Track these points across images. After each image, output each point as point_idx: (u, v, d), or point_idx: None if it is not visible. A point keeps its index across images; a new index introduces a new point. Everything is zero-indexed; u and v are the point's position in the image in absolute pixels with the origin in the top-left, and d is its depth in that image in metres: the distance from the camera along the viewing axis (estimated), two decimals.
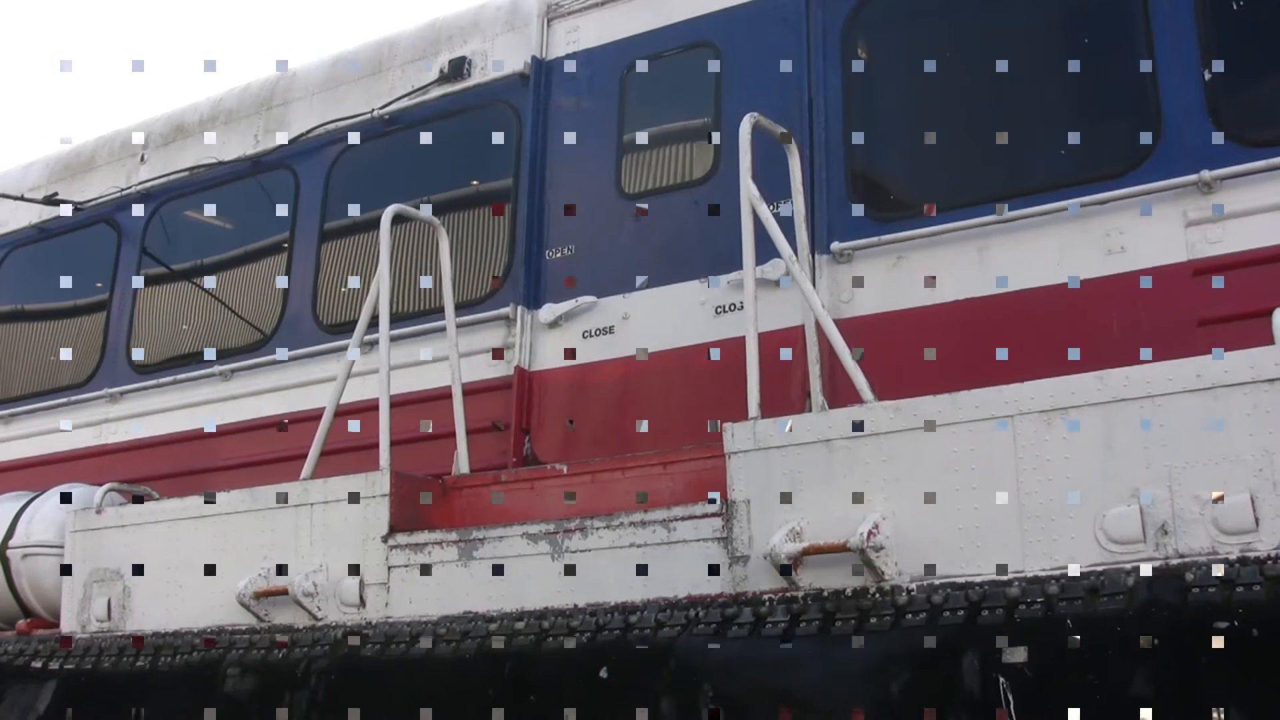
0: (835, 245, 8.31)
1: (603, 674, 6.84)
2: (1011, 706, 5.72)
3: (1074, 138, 7.87)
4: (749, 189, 7.35)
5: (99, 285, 12.19)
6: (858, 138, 8.48)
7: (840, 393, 7.39)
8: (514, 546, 7.51)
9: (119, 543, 9.26)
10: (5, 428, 12.49)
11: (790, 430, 6.75)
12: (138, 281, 11.75)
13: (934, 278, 8.01)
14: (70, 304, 12.67)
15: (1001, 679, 5.78)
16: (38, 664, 9.37)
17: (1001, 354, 7.43)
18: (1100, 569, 5.93)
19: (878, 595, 6.29)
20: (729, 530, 6.81)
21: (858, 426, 6.60)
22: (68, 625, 9.44)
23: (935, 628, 6.08)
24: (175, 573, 8.91)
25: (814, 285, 7.80)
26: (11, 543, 9.98)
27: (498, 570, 7.53)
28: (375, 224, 8.78)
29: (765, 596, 6.57)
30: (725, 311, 8.63)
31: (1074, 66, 7.95)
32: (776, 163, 7.93)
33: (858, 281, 8.26)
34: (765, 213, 7.32)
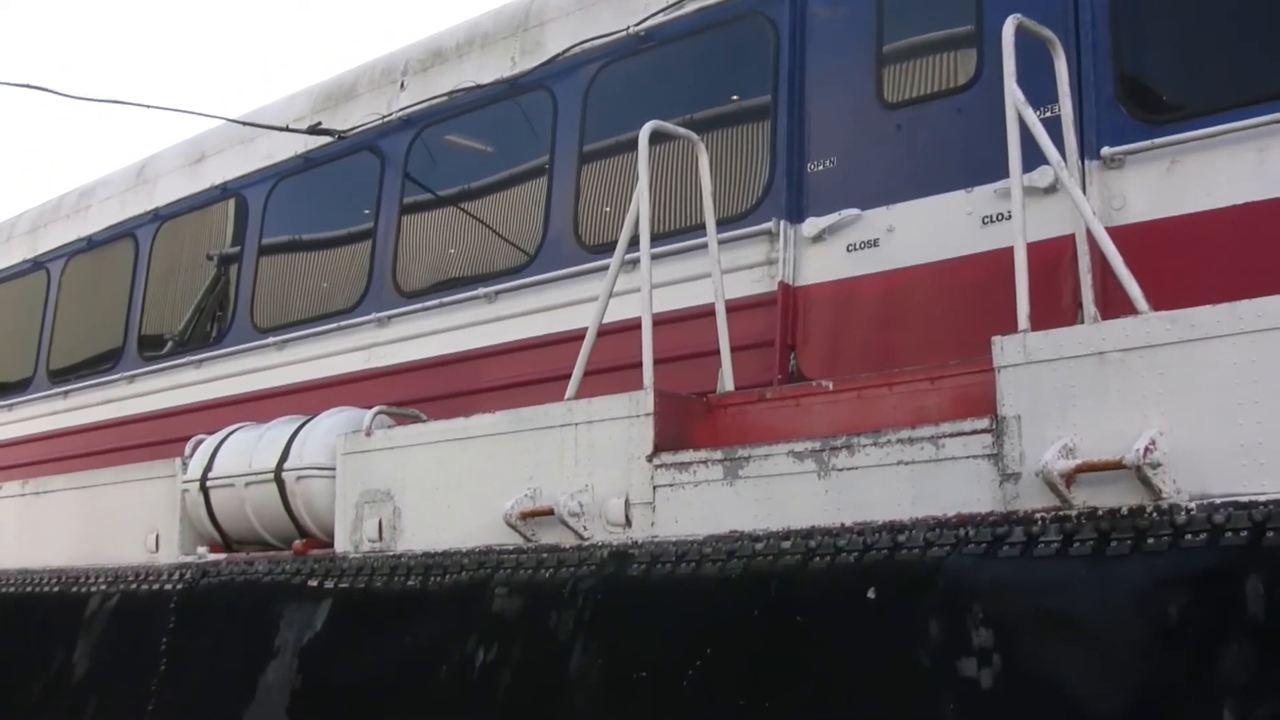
0: (1105, 150, 8.00)
1: (870, 594, 6.74)
2: None
3: None
4: (1014, 94, 7.12)
5: (365, 211, 12.36)
6: (1126, 37, 8.17)
7: (1112, 303, 7.14)
8: (780, 465, 7.42)
9: (388, 464, 9.42)
10: (279, 353, 12.76)
11: None
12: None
13: None
14: (337, 231, 12.88)
15: None
16: (314, 582, 9.58)
17: None
18: None
19: (1155, 514, 6.05)
20: (999, 447, 6.63)
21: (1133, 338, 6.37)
22: (341, 545, 9.64)
23: (1216, 549, 5.84)
24: (442, 493, 9.04)
25: (1084, 192, 7.54)
26: (286, 465, 10.21)
27: (763, 489, 7.46)
28: (634, 142, 8.71)
29: (1037, 515, 6.39)
30: (992, 221, 8.40)
31: None
32: (1041, 66, 7.66)
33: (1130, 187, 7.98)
34: (1032, 118, 7.09)
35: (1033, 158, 7.32)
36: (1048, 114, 7.64)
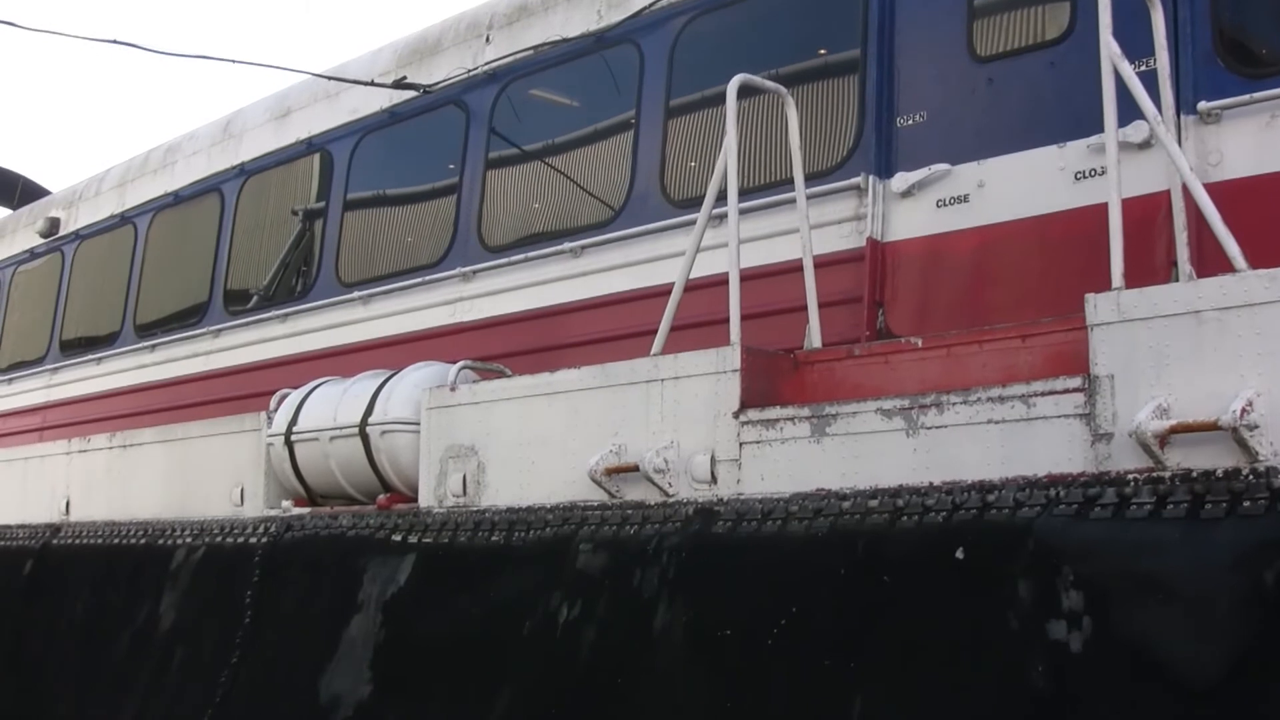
0: (1202, 105, 7.85)
1: (959, 554, 6.66)
2: None
3: None
4: (1109, 47, 6.97)
5: (450, 166, 12.33)
6: None
7: (1208, 261, 7.01)
8: (868, 422, 7.34)
9: (472, 419, 9.42)
10: (364, 308, 12.77)
11: None
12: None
13: None
14: (422, 185, 12.86)
15: None
16: (397, 537, 9.60)
17: None
18: None
19: (1251, 477, 5.92)
20: (1091, 406, 6.52)
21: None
22: (425, 500, 9.65)
23: None
24: (527, 449, 9.03)
25: (1179, 147, 7.39)
26: (371, 420, 10.22)
27: (851, 447, 7.39)
28: (721, 96, 8.61)
29: (1130, 476, 6.27)
30: (1085, 177, 8.27)
31: None
32: (1136, 19, 7.51)
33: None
34: (1128, 71, 6.94)
35: (1127, 112, 7.18)
36: (1143, 68, 7.49)
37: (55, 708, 12.50)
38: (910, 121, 9.19)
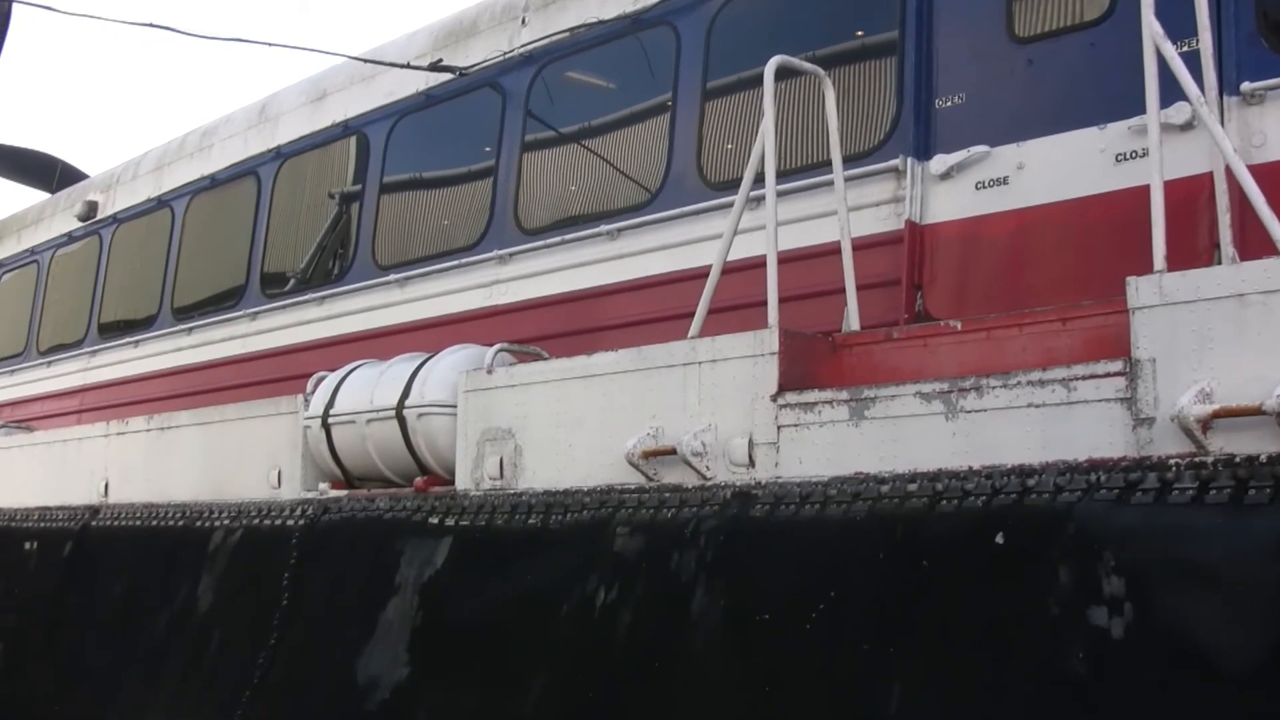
0: (1245, 86, 7.77)
1: (998, 539, 6.62)
2: None
3: None
4: (1152, 26, 6.91)
5: (486, 149, 12.31)
6: None
7: (1250, 244, 6.93)
8: (906, 406, 7.30)
9: (509, 402, 9.40)
10: (401, 290, 12.77)
11: None
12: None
13: None
14: (458, 168, 12.84)
15: None
16: (434, 520, 9.60)
17: None
18: None
19: None
20: (1133, 390, 6.46)
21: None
22: (462, 483, 9.64)
23: None
24: (564, 432, 9.01)
25: (1223, 128, 7.31)
26: (408, 402, 10.22)
27: (889, 430, 7.35)
28: (759, 78, 8.57)
29: (1172, 461, 6.22)
30: (1126, 159, 8.20)
31: None
32: None
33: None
34: (1170, 51, 6.87)
35: (1169, 94, 7.12)
36: (1185, 48, 7.41)
37: (94, 687, 12.55)
38: (949, 103, 9.13)
